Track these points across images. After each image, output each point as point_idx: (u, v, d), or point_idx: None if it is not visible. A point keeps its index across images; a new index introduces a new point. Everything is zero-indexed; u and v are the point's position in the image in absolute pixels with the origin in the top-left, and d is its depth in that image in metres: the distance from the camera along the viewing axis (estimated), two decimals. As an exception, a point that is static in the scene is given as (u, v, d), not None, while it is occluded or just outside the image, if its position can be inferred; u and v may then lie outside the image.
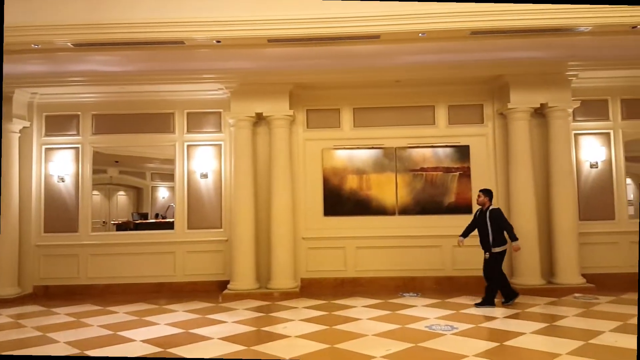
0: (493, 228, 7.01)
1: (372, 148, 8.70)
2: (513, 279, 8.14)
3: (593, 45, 7.11)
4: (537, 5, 6.01)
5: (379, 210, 8.62)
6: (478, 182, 8.54)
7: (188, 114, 8.88)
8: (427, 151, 8.67)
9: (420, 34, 6.49)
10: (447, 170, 8.63)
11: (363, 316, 6.49)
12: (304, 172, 8.74)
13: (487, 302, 6.99)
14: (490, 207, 7.19)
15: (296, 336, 5.58)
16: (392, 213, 8.61)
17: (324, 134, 8.78)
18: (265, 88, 8.22)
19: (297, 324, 6.19)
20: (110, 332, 5.99)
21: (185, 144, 8.85)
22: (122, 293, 8.45)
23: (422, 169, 8.65)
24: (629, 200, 9.14)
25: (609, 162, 8.57)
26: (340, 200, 8.65)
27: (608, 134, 8.61)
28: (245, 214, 8.16)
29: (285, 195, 8.26)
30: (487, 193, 7.29)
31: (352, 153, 8.71)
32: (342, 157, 8.72)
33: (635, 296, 7.34)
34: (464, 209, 8.52)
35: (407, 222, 8.59)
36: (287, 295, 7.91)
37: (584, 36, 6.59)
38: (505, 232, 7.10)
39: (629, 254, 8.35)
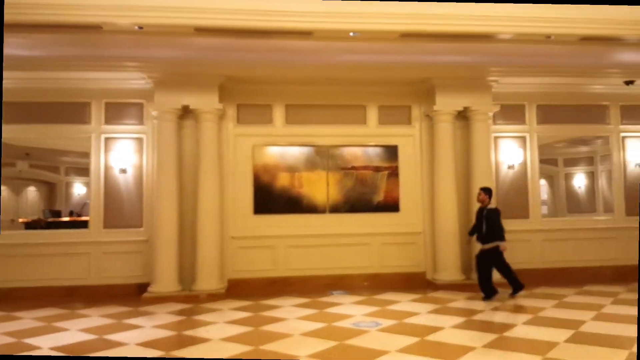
0: (488, 225, 7.29)
1: (304, 146, 8.64)
2: (435, 274, 8.44)
3: (512, 52, 7.48)
4: (462, 12, 6.23)
5: (310, 208, 8.58)
6: (405, 181, 8.77)
7: (106, 104, 8.33)
8: (358, 150, 8.74)
9: (351, 34, 6.53)
10: (377, 169, 8.75)
11: (291, 316, 6.40)
12: (234, 169, 8.50)
13: (517, 289, 7.30)
14: (489, 206, 7.43)
15: (219, 339, 5.39)
16: (323, 211, 8.60)
17: (256, 130, 8.59)
18: (192, 79, 7.90)
19: (221, 326, 5.98)
20: (14, 340, 5.49)
21: (103, 136, 8.30)
22: (30, 298, 7.75)
23: (353, 168, 8.71)
24: (543, 200, 9.78)
25: (524, 164, 9.08)
26: (271, 198, 8.51)
27: (524, 138, 9.11)
28: (168, 212, 7.79)
29: (213, 193, 7.99)
30: (487, 191, 7.51)
31: (284, 150, 8.60)
32: (274, 154, 8.58)
33: (547, 290, 7.83)
34: (392, 207, 8.71)
35: (337, 220, 8.61)
36: (213, 296, 7.64)
37: (505, 43, 6.93)
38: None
39: (541, 250, 8.92)
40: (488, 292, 7.27)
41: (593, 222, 9.52)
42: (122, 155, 8.29)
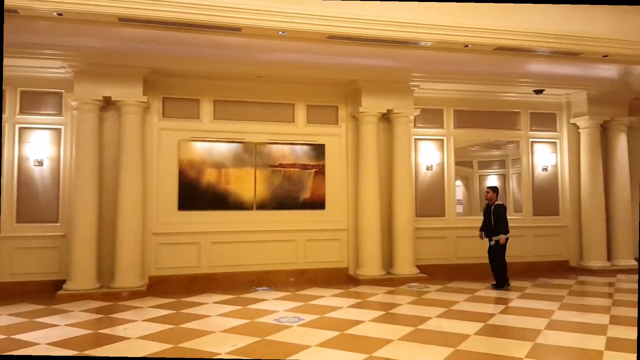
0: (495, 219, 7.96)
1: (232, 142, 8.61)
2: (357, 270, 8.73)
3: (433, 59, 7.89)
4: (386, 17, 6.47)
5: (236, 204, 8.57)
6: (331, 179, 8.99)
7: (22, 92, 7.86)
8: (286, 148, 8.84)
9: (280, 32, 6.57)
10: (304, 167, 8.89)
11: (213, 313, 6.38)
12: (158, 164, 8.31)
13: (500, 284, 7.96)
14: (496, 203, 8.08)
15: (138, 337, 5.28)
16: (250, 208, 8.62)
17: (182, 125, 8.44)
18: (115, 70, 7.63)
19: (140, 324, 5.86)
20: None
21: (17, 126, 7.82)
22: None
23: (281, 165, 8.80)
24: (458, 200, 10.36)
25: (442, 165, 9.59)
26: (196, 194, 8.41)
27: (442, 140, 9.62)
28: (86, 206, 7.49)
29: (135, 188, 7.77)
30: (495, 190, 8.28)
31: (211, 146, 8.52)
32: (201, 149, 8.48)
33: (460, 285, 8.30)
34: (318, 204, 8.89)
35: (264, 216, 8.67)
36: (133, 294, 7.44)
37: (426, 50, 7.26)
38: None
39: (455, 247, 9.48)
40: (501, 281, 7.94)
41: (503, 220, 10.21)
42: (38, 146, 7.86)
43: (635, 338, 5.02)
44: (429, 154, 9.50)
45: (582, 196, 9.91)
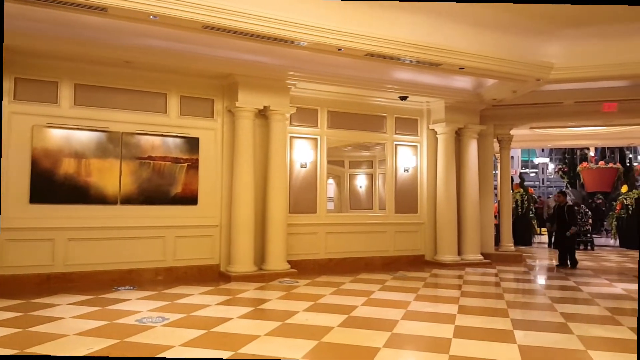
0: (569, 217, 10.69)
1: (95, 130, 7.99)
2: (229, 266, 8.67)
3: (309, 60, 8.08)
4: (263, 13, 6.47)
5: (98, 198, 7.97)
6: (205, 174, 8.77)
7: None
8: (157, 139, 8.43)
9: (151, 17, 6.22)
10: (176, 160, 8.56)
11: (67, 315, 5.89)
12: (7, 151, 7.41)
13: (564, 264, 10.64)
14: (567, 204, 10.99)
15: (-25, 344, 4.71)
16: (114, 202, 8.08)
17: (37, 109, 7.65)
18: (-46, 44, 6.65)
19: (-22, 330, 5.22)
20: None
21: None
22: None
23: (150, 158, 8.37)
24: (330, 197, 10.76)
25: (315, 163, 9.87)
26: (52, 186, 7.66)
27: (316, 139, 9.90)
28: None
29: (-24, 177, 6.86)
30: (564, 194, 11.33)
31: (70, 134, 7.82)
32: (58, 137, 7.75)
33: (328, 278, 8.65)
34: (190, 199, 8.63)
35: (129, 212, 8.19)
36: (-28, 296, 6.60)
37: (302, 50, 7.40)
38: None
39: (324, 242, 9.84)
40: (573, 262, 10.58)
41: (369, 217, 10.85)
42: None
43: (479, 325, 5.61)
44: (303, 152, 9.72)
45: (437, 196, 10.81)
